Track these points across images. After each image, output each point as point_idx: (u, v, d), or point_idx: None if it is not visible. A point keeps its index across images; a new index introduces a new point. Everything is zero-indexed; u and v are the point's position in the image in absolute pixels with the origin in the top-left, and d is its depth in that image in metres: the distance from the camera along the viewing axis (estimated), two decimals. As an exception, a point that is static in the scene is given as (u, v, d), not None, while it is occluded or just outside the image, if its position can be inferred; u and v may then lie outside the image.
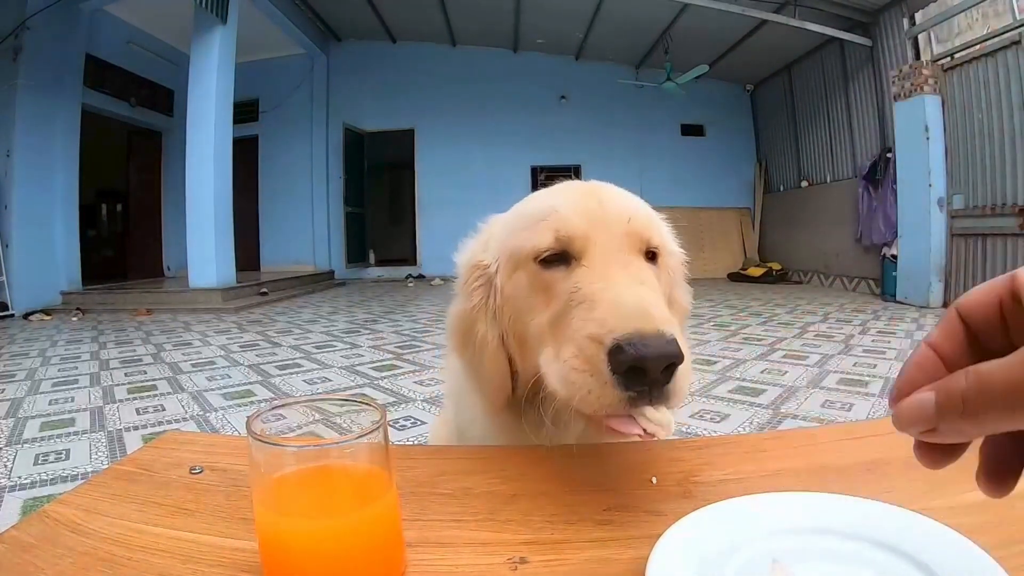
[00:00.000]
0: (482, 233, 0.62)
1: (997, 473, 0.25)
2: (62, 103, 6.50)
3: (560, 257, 0.52)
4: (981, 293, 0.25)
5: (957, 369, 0.23)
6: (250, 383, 3.14)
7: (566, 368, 0.45)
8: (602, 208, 0.54)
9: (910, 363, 0.26)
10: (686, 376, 0.44)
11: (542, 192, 0.60)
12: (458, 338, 0.58)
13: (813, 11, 6.84)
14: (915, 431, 0.24)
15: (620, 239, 0.52)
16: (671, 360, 0.41)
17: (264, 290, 7.35)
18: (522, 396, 0.56)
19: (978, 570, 0.32)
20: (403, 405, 2.68)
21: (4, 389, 3.03)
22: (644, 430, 0.44)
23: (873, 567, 0.35)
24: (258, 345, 4.25)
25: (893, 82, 6.00)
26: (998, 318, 0.24)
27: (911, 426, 0.24)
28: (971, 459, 0.26)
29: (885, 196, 6.50)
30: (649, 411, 0.43)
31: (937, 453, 0.26)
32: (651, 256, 0.55)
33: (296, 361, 3.68)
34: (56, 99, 6.39)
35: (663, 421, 0.44)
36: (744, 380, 3.02)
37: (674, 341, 0.42)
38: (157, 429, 2.38)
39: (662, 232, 0.58)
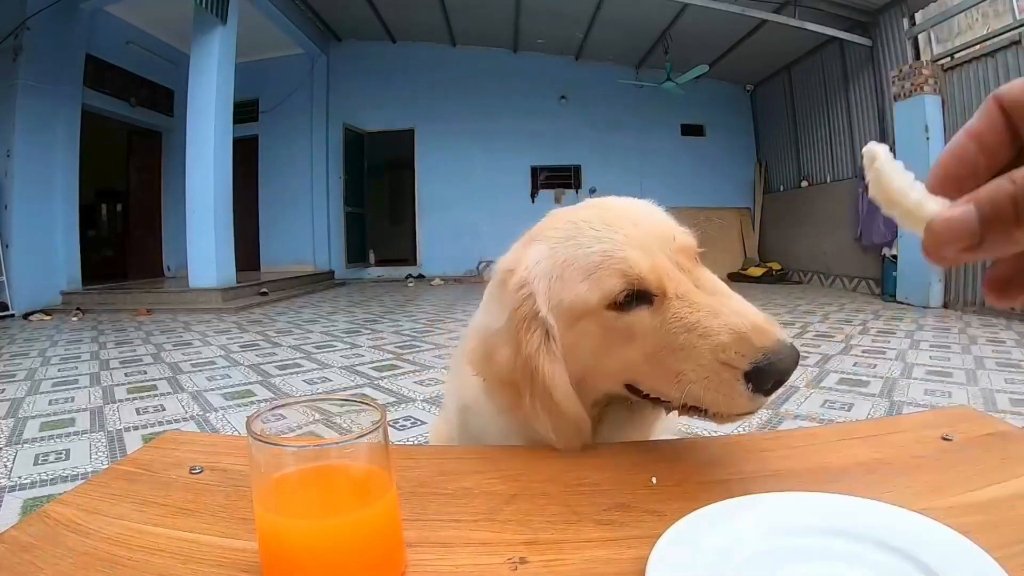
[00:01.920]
0: (520, 260, 0.55)
1: (1008, 281, 0.23)
2: (62, 103, 6.50)
3: (636, 297, 0.50)
4: None
5: (994, 167, 0.21)
6: (250, 383, 3.14)
7: (701, 389, 0.48)
8: (646, 231, 0.52)
9: (949, 154, 0.23)
10: None
11: (574, 230, 0.53)
12: (508, 388, 0.53)
13: (813, 11, 6.84)
14: (953, 249, 0.21)
15: (681, 260, 0.52)
16: (797, 363, 0.47)
17: (264, 290, 7.34)
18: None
19: (978, 570, 0.32)
20: (403, 405, 2.68)
21: (4, 389, 3.03)
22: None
23: (873, 568, 0.34)
24: (258, 345, 4.25)
25: (893, 82, 6.00)
26: None
27: (950, 243, 0.21)
28: (965, 463, 0.26)
29: (885, 196, 6.49)
30: None
31: (1011, 283, 0.23)
32: None
33: (296, 361, 3.68)
34: (56, 99, 6.39)
35: None
36: (744, 380, 3.02)
37: (794, 345, 0.47)
38: (157, 429, 2.38)
39: (686, 230, 0.57)
